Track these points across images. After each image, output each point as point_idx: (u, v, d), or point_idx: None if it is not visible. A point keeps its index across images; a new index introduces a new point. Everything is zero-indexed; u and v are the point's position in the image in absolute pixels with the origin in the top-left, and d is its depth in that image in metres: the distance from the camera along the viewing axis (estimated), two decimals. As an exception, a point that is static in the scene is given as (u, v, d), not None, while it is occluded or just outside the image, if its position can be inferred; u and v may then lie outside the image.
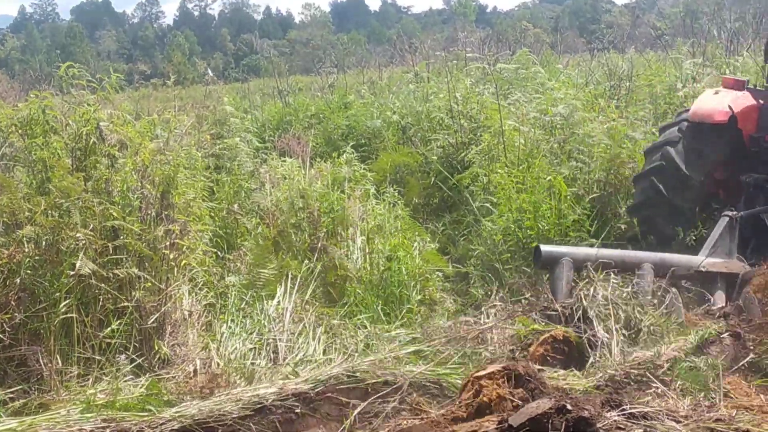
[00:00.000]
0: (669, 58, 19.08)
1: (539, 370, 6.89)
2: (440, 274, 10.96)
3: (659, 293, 8.22)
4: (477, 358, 7.82)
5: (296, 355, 7.65)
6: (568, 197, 10.73)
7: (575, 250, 8.95)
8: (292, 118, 19.80)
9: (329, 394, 6.69)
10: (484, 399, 5.77)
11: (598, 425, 4.99)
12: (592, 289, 8.03)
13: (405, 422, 6.21)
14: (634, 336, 7.68)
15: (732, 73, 15.37)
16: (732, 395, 6.97)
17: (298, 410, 6.44)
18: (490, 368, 6.04)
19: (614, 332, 7.60)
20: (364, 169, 13.21)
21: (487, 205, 11.67)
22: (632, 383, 6.89)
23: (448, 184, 13.67)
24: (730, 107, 10.06)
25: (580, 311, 7.83)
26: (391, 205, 12.16)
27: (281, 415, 6.45)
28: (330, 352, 7.79)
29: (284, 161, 12.75)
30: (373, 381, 6.87)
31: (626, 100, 15.27)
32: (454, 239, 12.73)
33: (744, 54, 17.78)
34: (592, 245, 9.88)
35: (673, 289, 8.35)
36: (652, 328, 7.78)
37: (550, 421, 4.89)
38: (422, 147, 15.30)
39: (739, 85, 10.50)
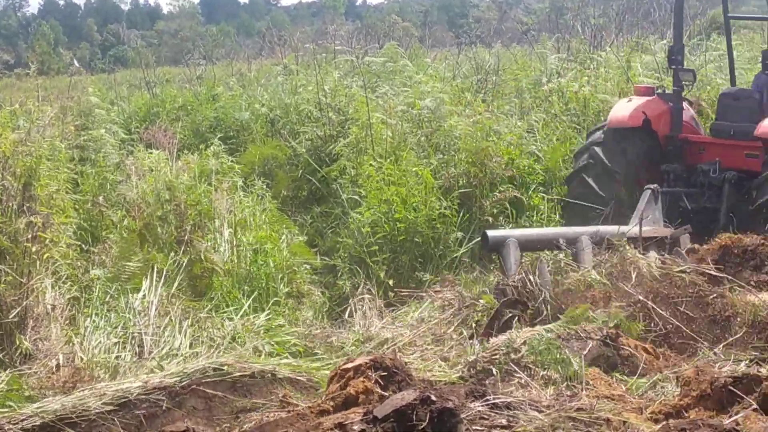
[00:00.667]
0: (534, 53, 19.40)
1: (406, 362, 6.95)
2: (308, 266, 10.95)
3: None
4: (345, 351, 7.86)
5: (162, 349, 7.56)
6: (436, 190, 10.83)
7: (518, 232, 9.63)
8: (160, 109, 19.51)
9: (195, 388, 6.63)
10: (351, 392, 5.78)
11: (462, 416, 5.05)
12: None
13: (272, 415, 6.18)
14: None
15: (595, 67, 15.72)
16: (593, 385, 7.12)
17: (163, 404, 6.36)
18: (358, 360, 6.05)
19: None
20: (232, 161, 13.10)
21: (356, 197, 11.71)
22: (497, 373, 6.99)
23: (316, 177, 13.66)
24: (643, 112, 11.35)
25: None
26: (259, 197, 12.10)
27: (146, 410, 6.36)
28: (197, 345, 7.71)
29: (151, 153, 12.56)
30: (240, 374, 6.83)
31: (492, 94, 15.48)
32: (322, 232, 12.74)
33: (607, 49, 18.15)
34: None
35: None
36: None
37: (415, 412, 4.92)
38: (291, 139, 15.24)
39: (649, 92, 11.72)
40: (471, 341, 7.85)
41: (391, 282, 10.16)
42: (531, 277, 8.43)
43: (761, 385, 6.50)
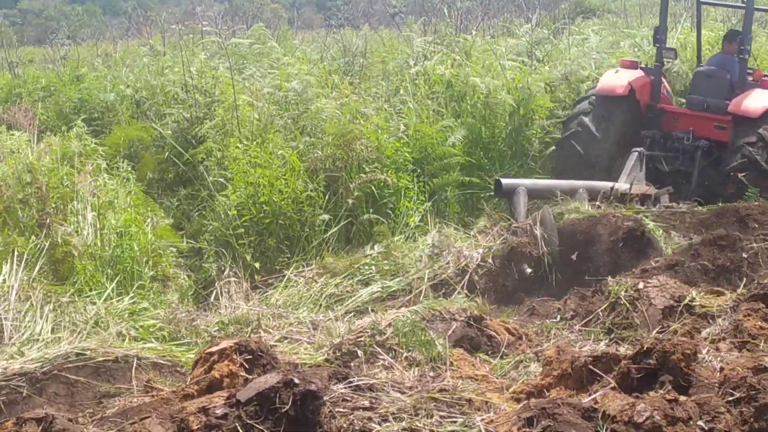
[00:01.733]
0: (402, 35, 19.49)
1: (272, 345, 6.96)
2: (174, 249, 10.86)
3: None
4: (210, 335, 7.84)
5: (23, 335, 7.41)
6: (302, 172, 10.84)
7: (528, 181, 11.23)
8: (22, 90, 19.01)
9: (57, 374, 6.54)
10: (216, 375, 5.78)
11: (325, 398, 5.09)
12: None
13: (135, 400, 6.14)
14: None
15: (459, 49, 15.88)
16: (457, 366, 7.22)
17: (23, 391, 6.27)
18: (223, 344, 6.05)
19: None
20: (96, 143, 12.84)
21: (222, 180, 11.61)
22: (362, 355, 7.04)
23: (182, 159, 13.50)
24: (629, 83, 13.18)
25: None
26: (124, 180, 11.90)
27: (6, 396, 6.27)
28: (59, 330, 7.57)
29: (12, 135, 12.25)
30: (103, 359, 6.76)
31: (360, 77, 15.51)
32: (188, 214, 12.61)
33: (473, 32, 18.35)
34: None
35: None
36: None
37: (278, 395, 4.95)
38: (157, 121, 15.02)
39: (633, 65, 13.69)
40: (337, 323, 7.91)
41: (257, 265, 10.14)
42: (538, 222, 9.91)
43: (620, 364, 6.69)
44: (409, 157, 12.18)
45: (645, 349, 6.61)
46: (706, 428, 5.82)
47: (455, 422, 5.48)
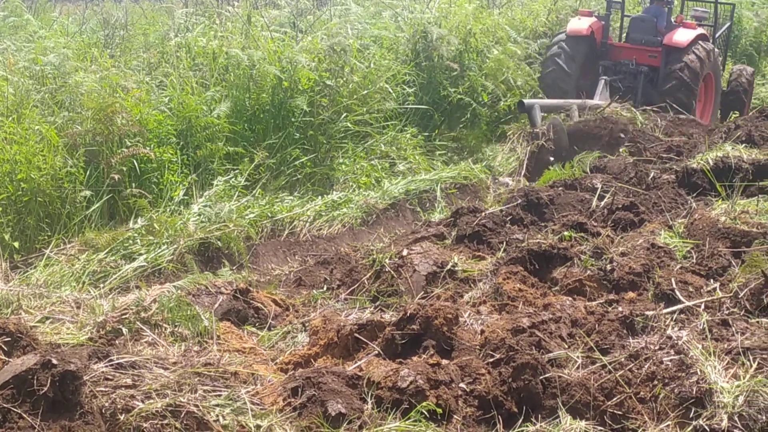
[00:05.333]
0: (163, 7, 19.16)
1: (33, 326, 6.79)
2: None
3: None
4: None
5: None
6: (61, 148, 10.57)
7: (541, 101, 16.02)
8: None
9: None
10: (-29, 359, 5.61)
11: (86, 378, 5.02)
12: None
13: None
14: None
15: (222, 21, 15.78)
16: (224, 339, 7.24)
17: None
18: (-21, 328, 5.88)
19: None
20: None
21: (-22, 158, 11.17)
22: (126, 332, 6.96)
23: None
24: (590, 25, 17.74)
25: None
26: None
27: None
28: None
29: None
30: None
31: (121, 50, 15.15)
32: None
33: (236, 3, 18.20)
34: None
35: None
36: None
37: (36, 377, 4.84)
38: None
39: (589, 14, 18.36)
40: (101, 301, 7.77)
41: (16, 244, 9.83)
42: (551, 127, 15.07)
43: (384, 331, 6.85)
44: (172, 130, 12.04)
45: (408, 315, 6.80)
46: (468, 389, 6.06)
47: (220, 396, 5.50)
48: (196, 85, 13.03)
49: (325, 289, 9.02)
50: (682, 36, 17.56)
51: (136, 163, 11.14)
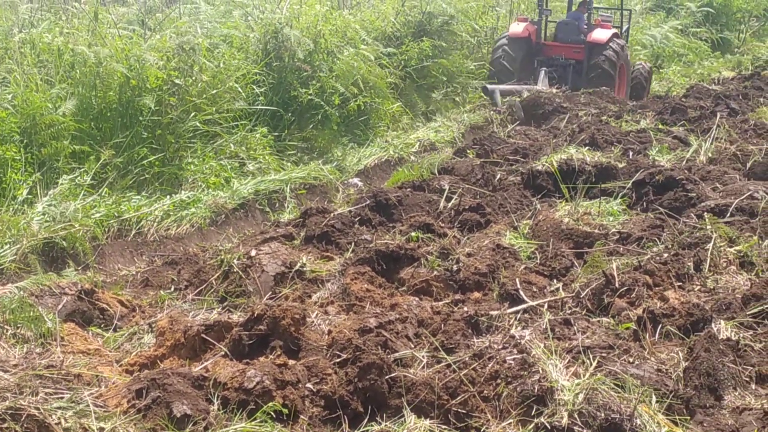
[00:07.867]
0: (6, 2, 18.67)
1: None
2: None
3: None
4: None
5: None
6: None
7: (500, 87, 20.33)
8: None
9: None
10: None
11: None
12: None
13: None
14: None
15: (68, 17, 15.49)
16: (69, 341, 7.11)
17: None
18: None
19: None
20: None
21: None
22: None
23: None
24: (526, 28, 21.62)
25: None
26: None
27: None
28: None
29: None
30: None
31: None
32: None
33: (81, 0, 17.85)
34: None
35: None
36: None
37: None
38: None
39: (526, 19, 22.14)
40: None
41: None
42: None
43: (231, 331, 6.84)
44: (15, 128, 11.75)
45: (256, 315, 6.82)
46: (314, 390, 6.10)
47: (62, 398, 5.42)
48: (40, 82, 12.71)
49: (172, 289, 8.96)
50: (601, 34, 21.60)
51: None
